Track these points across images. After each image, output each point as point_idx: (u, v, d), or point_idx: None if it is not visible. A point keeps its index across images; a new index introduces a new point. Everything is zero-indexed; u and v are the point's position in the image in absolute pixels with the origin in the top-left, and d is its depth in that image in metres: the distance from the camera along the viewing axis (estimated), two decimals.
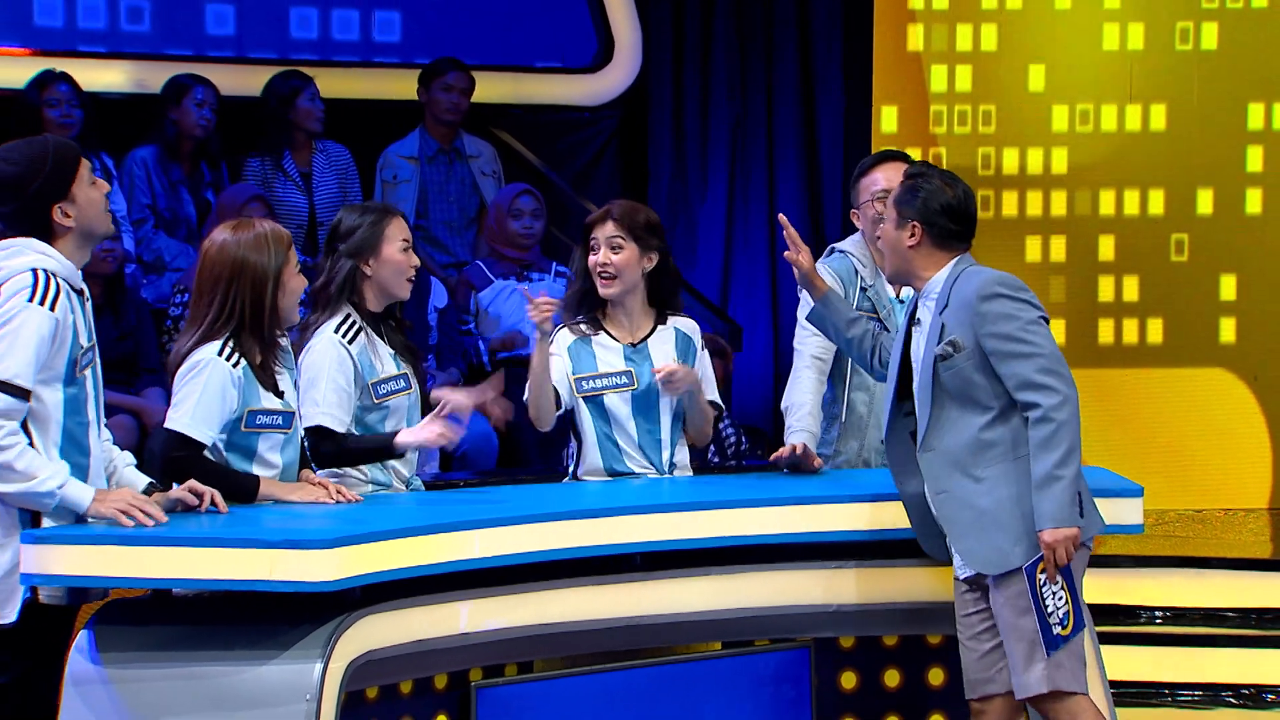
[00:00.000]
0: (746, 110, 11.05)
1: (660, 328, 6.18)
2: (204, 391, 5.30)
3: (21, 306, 4.96)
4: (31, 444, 4.96)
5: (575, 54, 10.87)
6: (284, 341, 5.53)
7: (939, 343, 5.42)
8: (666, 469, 6.10)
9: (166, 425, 5.32)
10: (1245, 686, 8.40)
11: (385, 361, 5.86)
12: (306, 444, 5.67)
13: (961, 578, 5.50)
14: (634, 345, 6.14)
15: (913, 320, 5.56)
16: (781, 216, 6.05)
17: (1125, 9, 10.98)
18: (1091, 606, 5.74)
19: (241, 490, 5.36)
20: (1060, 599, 5.34)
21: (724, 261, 10.96)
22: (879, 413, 6.25)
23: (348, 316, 5.83)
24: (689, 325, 6.25)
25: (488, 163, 10.00)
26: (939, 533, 5.52)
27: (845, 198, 10.96)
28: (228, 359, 5.32)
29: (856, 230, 6.47)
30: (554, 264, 9.36)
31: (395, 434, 5.77)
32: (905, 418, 5.56)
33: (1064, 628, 5.36)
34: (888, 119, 10.99)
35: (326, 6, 10.53)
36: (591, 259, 6.11)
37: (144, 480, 5.23)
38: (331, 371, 5.75)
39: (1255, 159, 11.00)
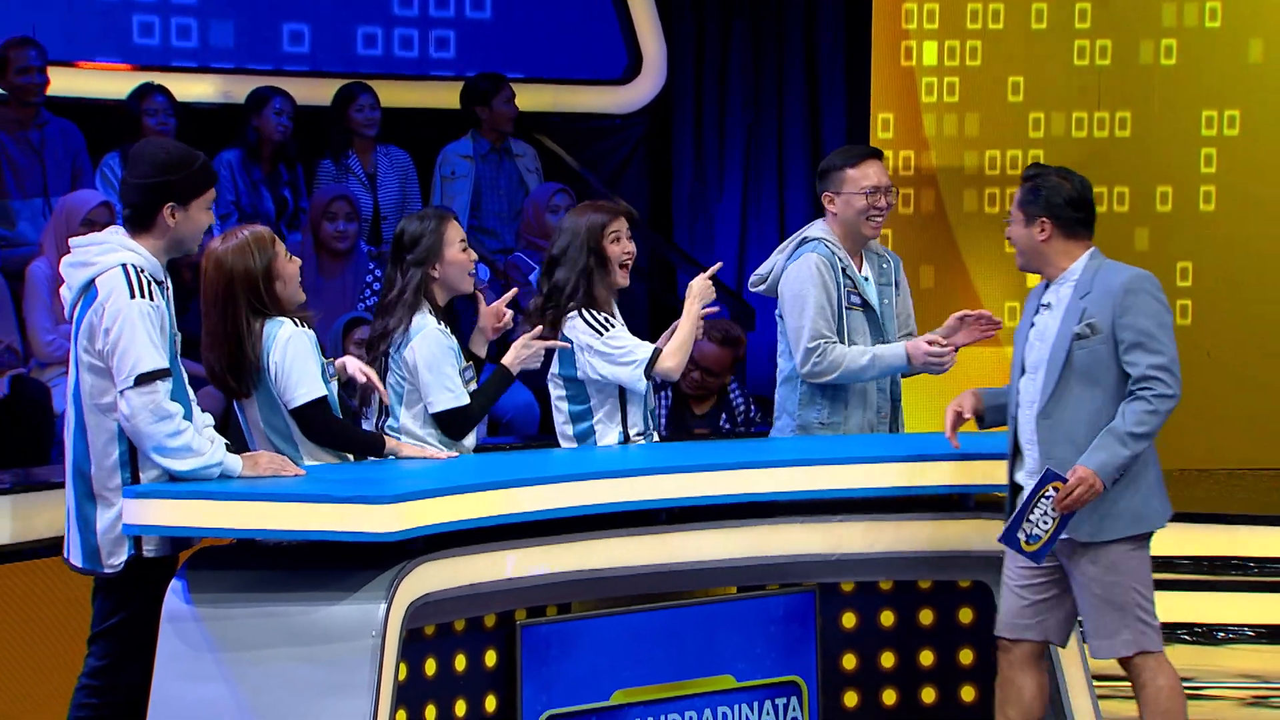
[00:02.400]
0: (759, 118, 11.03)
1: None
2: (307, 359, 5.28)
3: (126, 305, 4.95)
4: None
5: (607, 68, 10.85)
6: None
7: (1078, 323, 5.35)
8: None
9: (297, 405, 5.28)
10: (1198, 625, 8.40)
11: (462, 354, 5.84)
12: (445, 424, 5.70)
13: None
14: None
15: (1039, 305, 5.47)
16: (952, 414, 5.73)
17: (1094, 28, 10.96)
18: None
19: (372, 446, 5.47)
20: (1045, 523, 5.29)
21: (739, 251, 10.95)
22: (882, 384, 6.23)
23: (431, 313, 5.77)
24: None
25: (531, 161, 10.01)
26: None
27: None
28: (299, 325, 5.31)
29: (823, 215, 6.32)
30: None
31: (501, 364, 5.85)
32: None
33: (1030, 544, 5.31)
34: (884, 125, 10.97)
35: (389, 26, 10.52)
36: (619, 248, 6.02)
37: (222, 441, 5.22)
38: (450, 359, 5.71)
39: (1209, 161, 10.97)
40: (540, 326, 5.94)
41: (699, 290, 6.12)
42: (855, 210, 6.22)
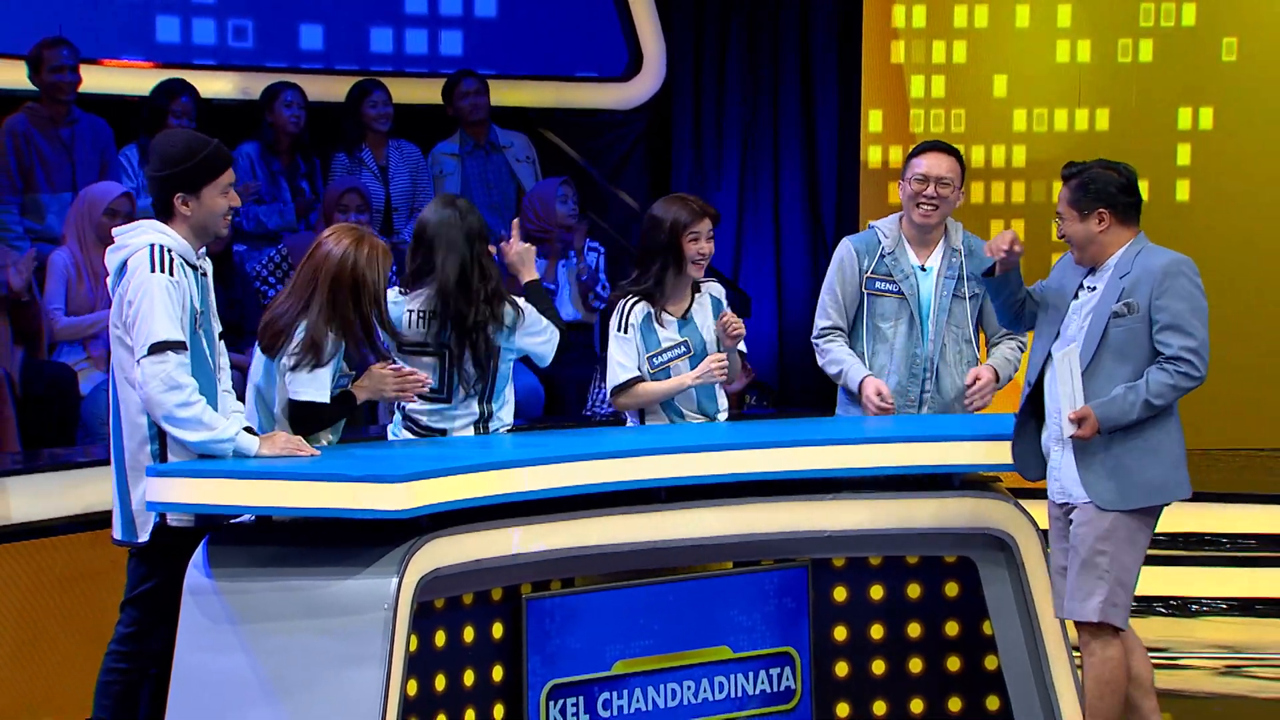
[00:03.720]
0: (755, 113, 11.01)
1: (697, 296, 6.14)
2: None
3: (146, 278, 4.97)
4: None
5: (609, 66, 10.84)
6: None
7: (1117, 301, 5.32)
8: (718, 417, 6.12)
9: (299, 399, 5.24)
10: (1174, 598, 8.41)
11: None
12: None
13: (1058, 503, 5.44)
14: (683, 318, 6.09)
15: (1080, 285, 5.43)
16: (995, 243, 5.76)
17: (1075, 27, 10.94)
18: (1046, 533, 5.72)
19: (346, 401, 5.35)
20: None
21: (735, 242, 10.94)
22: (898, 363, 6.21)
23: None
24: (716, 289, 6.19)
25: (521, 150, 9.95)
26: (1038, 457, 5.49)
27: (839, 187, 11.03)
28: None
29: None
30: (588, 241, 9.33)
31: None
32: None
33: None
34: (874, 121, 10.96)
35: (400, 25, 10.51)
36: (695, 247, 5.99)
37: (242, 423, 5.22)
38: None
39: (1184, 155, 10.97)
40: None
41: (702, 372, 6.05)
42: (906, 196, 6.29)
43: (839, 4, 10.97)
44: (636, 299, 6.05)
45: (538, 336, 5.76)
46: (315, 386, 5.24)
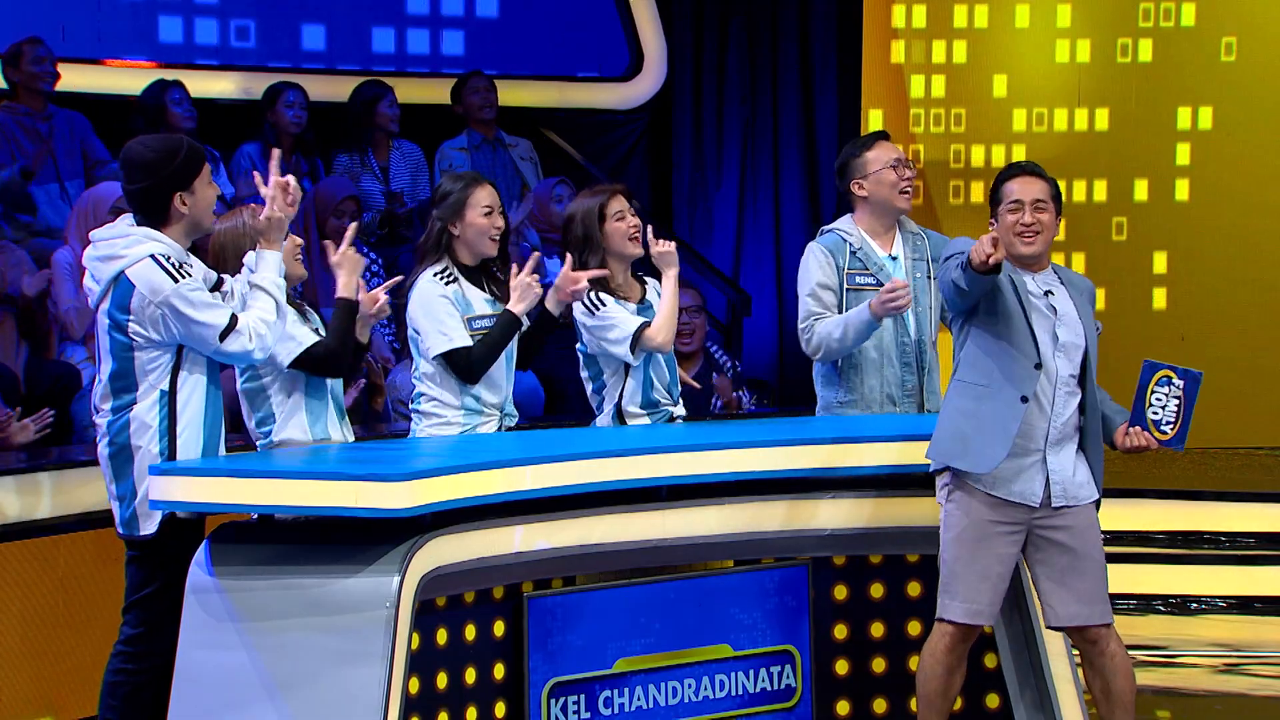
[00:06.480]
0: (755, 113, 11.02)
1: (649, 287, 6.14)
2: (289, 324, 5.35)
3: (173, 291, 4.99)
4: (174, 401, 5.06)
5: (611, 66, 10.85)
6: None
7: (1090, 307, 5.38)
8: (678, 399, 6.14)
9: (290, 361, 5.33)
10: (1172, 596, 8.41)
11: (479, 304, 5.81)
12: (452, 368, 5.71)
13: (1054, 507, 5.32)
14: (640, 304, 6.09)
15: (1038, 291, 5.38)
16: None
17: (1075, 27, 10.95)
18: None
19: (348, 313, 5.42)
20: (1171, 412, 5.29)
21: (736, 241, 10.95)
22: (890, 355, 6.13)
23: (446, 267, 5.79)
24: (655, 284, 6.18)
25: (525, 150, 10.02)
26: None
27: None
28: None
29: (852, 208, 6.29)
30: None
31: (506, 309, 5.78)
32: None
33: (1164, 432, 5.28)
34: (874, 120, 10.97)
35: (402, 26, 10.52)
36: (623, 225, 6.01)
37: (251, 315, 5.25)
38: (442, 306, 5.72)
39: (1184, 154, 10.98)
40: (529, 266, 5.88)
41: (666, 259, 6.06)
42: (888, 186, 6.17)
43: (839, 4, 10.97)
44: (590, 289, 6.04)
45: None
46: (289, 343, 5.31)
